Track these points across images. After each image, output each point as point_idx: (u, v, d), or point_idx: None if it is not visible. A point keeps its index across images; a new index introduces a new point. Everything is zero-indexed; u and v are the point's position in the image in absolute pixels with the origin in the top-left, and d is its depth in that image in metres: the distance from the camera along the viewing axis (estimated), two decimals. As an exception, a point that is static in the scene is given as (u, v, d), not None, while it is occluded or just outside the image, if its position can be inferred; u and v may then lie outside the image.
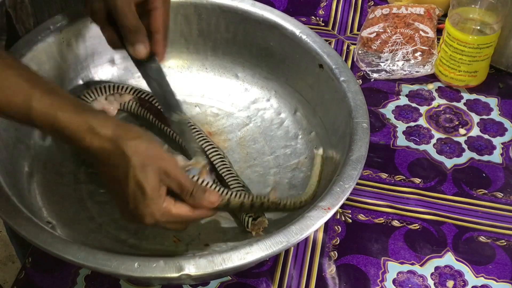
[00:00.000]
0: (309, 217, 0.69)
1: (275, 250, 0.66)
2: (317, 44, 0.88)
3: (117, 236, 0.79)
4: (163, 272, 0.63)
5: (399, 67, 1.06)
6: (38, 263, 0.81)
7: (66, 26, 0.88)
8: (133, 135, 0.65)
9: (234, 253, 0.65)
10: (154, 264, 0.63)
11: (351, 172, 0.73)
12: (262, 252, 0.65)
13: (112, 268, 0.63)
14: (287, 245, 0.66)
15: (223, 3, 0.93)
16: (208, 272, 0.63)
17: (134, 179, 0.64)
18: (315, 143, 0.88)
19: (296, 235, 0.67)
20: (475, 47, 1.00)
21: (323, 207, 0.69)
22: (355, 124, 0.78)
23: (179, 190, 0.67)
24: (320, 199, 0.71)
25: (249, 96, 0.96)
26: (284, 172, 0.87)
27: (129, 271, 0.63)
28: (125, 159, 0.64)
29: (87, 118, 0.64)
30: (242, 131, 0.92)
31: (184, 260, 0.63)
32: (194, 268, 0.63)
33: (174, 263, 0.63)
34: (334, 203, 0.70)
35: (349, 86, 0.83)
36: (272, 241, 0.66)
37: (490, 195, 0.91)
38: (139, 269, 0.63)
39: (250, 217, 0.77)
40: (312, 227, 0.68)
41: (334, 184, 0.72)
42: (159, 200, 0.66)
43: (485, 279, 0.81)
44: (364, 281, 0.81)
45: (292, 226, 0.68)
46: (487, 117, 1.01)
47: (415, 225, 0.87)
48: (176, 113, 0.79)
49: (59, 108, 0.64)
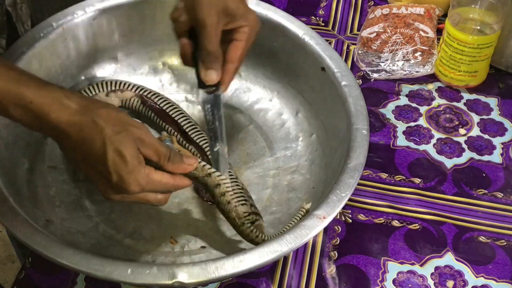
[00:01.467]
0: (304, 226, 0.68)
1: (269, 259, 0.66)
2: (320, 46, 0.88)
3: (113, 236, 0.79)
4: (156, 279, 0.63)
5: (399, 67, 1.06)
6: (38, 263, 0.81)
7: (68, 23, 0.89)
8: (101, 104, 0.65)
9: (228, 261, 0.65)
10: (147, 271, 0.63)
11: (348, 180, 0.73)
12: (255, 261, 0.65)
13: (105, 273, 0.63)
14: (281, 254, 0.66)
15: None
16: (201, 280, 0.64)
17: (112, 147, 0.63)
18: (315, 146, 0.88)
19: (291, 244, 0.67)
20: (475, 47, 1.00)
21: (318, 216, 0.69)
22: (355, 131, 0.78)
23: (156, 157, 0.66)
24: (317, 208, 0.71)
25: (252, 96, 0.96)
26: (284, 174, 0.87)
27: (122, 277, 0.63)
28: (98, 128, 0.63)
29: (52, 91, 0.64)
30: (243, 132, 0.92)
31: (177, 268, 0.63)
32: (187, 276, 0.63)
33: (167, 270, 0.63)
34: (330, 212, 0.70)
35: (350, 90, 0.82)
36: (266, 250, 0.66)
37: (490, 195, 0.91)
38: (132, 276, 0.63)
39: (248, 221, 0.76)
40: (307, 236, 0.68)
41: (331, 193, 0.72)
42: (141, 167, 0.65)
43: (485, 279, 0.81)
44: (364, 281, 0.81)
45: (287, 235, 0.67)
46: (487, 117, 1.01)
47: (415, 225, 0.87)
48: (219, 144, 0.78)
49: (24, 84, 0.64)
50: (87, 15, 0.90)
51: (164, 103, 0.88)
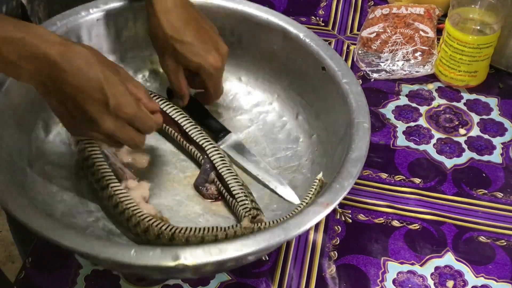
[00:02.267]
0: (307, 212, 0.69)
1: (272, 243, 0.66)
2: (320, 47, 0.88)
3: (114, 230, 0.79)
4: (160, 260, 0.63)
5: (399, 67, 1.06)
6: (38, 263, 0.81)
7: (72, 23, 0.89)
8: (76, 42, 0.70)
9: (231, 245, 0.65)
10: (150, 252, 0.63)
11: (351, 169, 0.73)
12: (258, 244, 0.65)
13: (109, 255, 0.63)
14: (285, 238, 0.66)
15: (228, 6, 0.93)
16: (204, 262, 0.63)
17: (106, 64, 0.67)
18: (316, 146, 0.88)
19: (294, 229, 0.67)
20: (475, 47, 1.00)
21: (322, 203, 0.69)
22: (357, 124, 0.78)
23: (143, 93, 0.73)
24: (320, 196, 0.71)
25: (252, 99, 0.96)
26: (285, 174, 0.87)
27: (125, 258, 0.63)
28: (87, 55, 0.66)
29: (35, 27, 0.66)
30: (244, 133, 0.92)
31: (181, 249, 0.64)
32: (191, 257, 0.63)
33: (170, 252, 0.63)
34: (333, 199, 0.70)
35: (351, 88, 0.83)
36: (269, 235, 0.66)
37: (490, 195, 0.91)
38: (135, 257, 0.63)
39: (250, 215, 0.77)
40: (310, 222, 0.68)
41: (334, 181, 0.72)
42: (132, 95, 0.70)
43: (485, 279, 0.81)
44: (364, 281, 0.81)
45: (290, 220, 0.68)
46: (487, 117, 1.01)
47: (415, 225, 0.87)
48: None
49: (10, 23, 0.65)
50: (91, 16, 0.90)
51: (164, 104, 0.88)
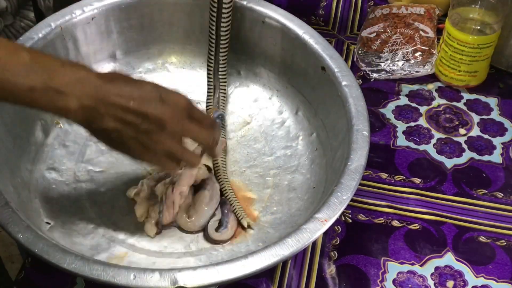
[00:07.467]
0: (305, 229, 0.68)
1: (271, 263, 0.66)
2: (320, 45, 0.87)
3: (115, 237, 0.79)
4: (158, 284, 0.64)
5: (399, 67, 1.06)
6: (38, 263, 0.81)
7: (67, 23, 0.89)
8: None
9: (229, 266, 0.65)
10: (150, 276, 0.64)
11: (349, 183, 0.72)
12: (258, 265, 0.66)
13: (108, 278, 0.64)
14: (283, 258, 0.66)
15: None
16: (202, 284, 0.64)
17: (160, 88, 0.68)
18: (315, 145, 0.88)
19: (293, 248, 0.67)
20: (475, 47, 1.00)
21: (320, 219, 0.69)
22: (356, 132, 0.77)
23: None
24: (317, 211, 0.70)
25: (251, 94, 0.96)
26: (284, 174, 0.87)
27: (124, 282, 0.64)
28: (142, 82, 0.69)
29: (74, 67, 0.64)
30: (243, 130, 0.92)
31: (179, 272, 0.64)
32: (189, 281, 0.64)
33: (169, 275, 0.64)
34: (331, 215, 0.70)
35: (351, 91, 0.82)
36: (268, 254, 0.66)
37: (490, 195, 0.91)
38: (134, 281, 0.64)
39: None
40: (309, 240, 0.68)
41: (332, 195, 0.71)
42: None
43: (485, 279, 0.81)
44: (364, 281, 0.81)
45: (288, 238, 0.67)
46: (487, 117, 1.01)
47: (415, 225, 0.87)
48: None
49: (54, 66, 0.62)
50: (85, 15, 0.90)
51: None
